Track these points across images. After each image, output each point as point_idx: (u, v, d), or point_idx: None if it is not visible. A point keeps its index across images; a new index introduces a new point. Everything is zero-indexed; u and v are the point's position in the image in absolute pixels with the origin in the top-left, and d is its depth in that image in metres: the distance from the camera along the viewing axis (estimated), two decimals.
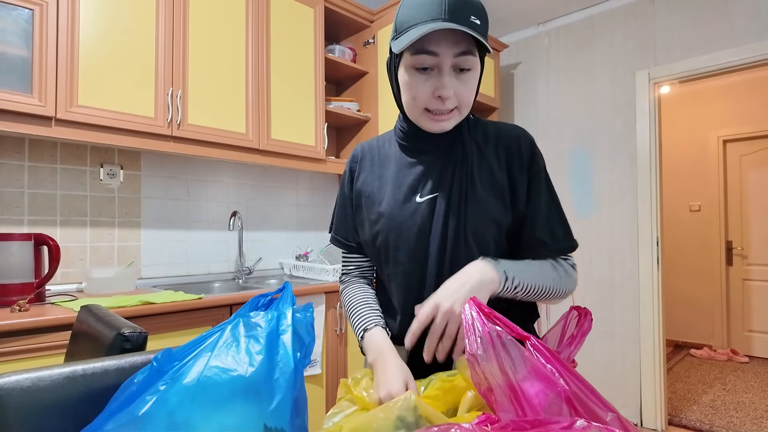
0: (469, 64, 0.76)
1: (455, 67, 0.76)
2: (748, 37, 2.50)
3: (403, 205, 0.84)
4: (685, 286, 4.57)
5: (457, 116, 0.80)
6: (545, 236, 0.82)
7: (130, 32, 1.74)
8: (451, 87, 0.76)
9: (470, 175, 0.82)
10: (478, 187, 0.81)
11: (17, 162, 1.79)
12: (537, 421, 0.54)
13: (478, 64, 0.78)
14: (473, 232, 0.80)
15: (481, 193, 0.81)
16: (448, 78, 0.75)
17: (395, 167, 0.88)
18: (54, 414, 0.56)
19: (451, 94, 0.76)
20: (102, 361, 0.62)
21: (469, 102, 0.79)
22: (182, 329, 1.62)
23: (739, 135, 4.31)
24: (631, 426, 0.56)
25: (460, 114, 0.80)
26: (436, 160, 0.84)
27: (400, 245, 0.84)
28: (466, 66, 0.76)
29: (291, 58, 2.26)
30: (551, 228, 0.82)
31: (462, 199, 0.81)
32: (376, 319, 0.86)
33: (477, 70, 0.78)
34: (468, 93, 0.78)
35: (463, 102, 0.78)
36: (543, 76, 3.31)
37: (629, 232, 2.87)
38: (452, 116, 0.79)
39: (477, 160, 0.83)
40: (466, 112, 0.81)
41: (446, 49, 0.74)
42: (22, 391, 0.55)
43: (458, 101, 0.78)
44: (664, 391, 2.77)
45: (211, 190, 2.36)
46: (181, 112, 1.86)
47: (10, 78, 1.49)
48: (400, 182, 0.86)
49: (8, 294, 1.52)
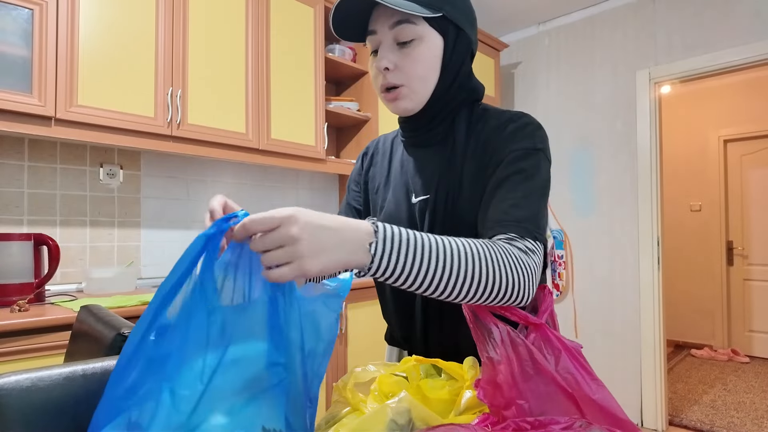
0: (408, 35, 0.71)
1: (396, 40, 0.72)
2: (748, 36, 2.49)
3: (400, 205, 0.82)
4: (685, 286, 4.57)
5: (409, 93, 0.74)
6: (495, 213, 0.67)
7: (129, 32, 1.74)
8: (388, 59, 0.72)
9: (459, 175, 0.75)
10: (465, 189, 0.75)
11: (17, 162, 1.79)
12: (538, 422, 0.54)
13: (427, 32, 0.72)
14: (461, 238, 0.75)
15: (468, 197, 0.74)
16: (387, 50, 0.72)
17: (398, 163, 0.86)
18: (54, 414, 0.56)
19: (384, 65, 0.72)
20: (102, 361, 0.61)
21: (417, 74, 0.72)
22: None
23: (739, 135, 4.31)
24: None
25: (413, 90, 0.73)
26: (431, 157, 0.79)
27: None
28: (405, 38, 0.71)
29: (291, 57, 2.26)
30: (508, 207, 0.66)
31: (449, 203, 0.75)
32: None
33: (427, 39, 0.72)
34: (412, 64, 0.72)
35: (410, 75, 0.72)
36: (543, 76, 3.31)
37: (630, 232, 2.87)
38: (402, 94, 0.74)
39: (470, 158, 0.75)
40: (423, 88, 0.74)
41: (383, 23, 0.72)
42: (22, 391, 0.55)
43: (404, 75, 0.72)
44: (664, 392, 2.76)
45: (211, 190, 2.36)
46: (181, 111, 1.86)
47: (9, 78, 1.49)
48: (399, 180, 0.84)
49: (8, 294, 1.51)
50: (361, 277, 0.55)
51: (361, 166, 0.95)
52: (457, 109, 0.78)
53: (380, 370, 0.71)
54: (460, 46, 0.75)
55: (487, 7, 3.07)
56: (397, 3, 0.67)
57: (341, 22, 0.74)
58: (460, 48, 0.75)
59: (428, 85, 0.74)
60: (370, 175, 0.92)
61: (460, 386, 0.65)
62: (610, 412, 0.57)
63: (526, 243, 0.63)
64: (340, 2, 0.70)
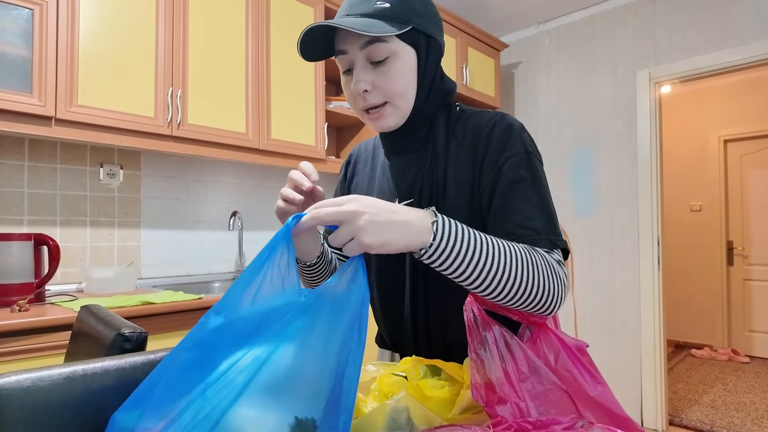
0: (381, 53, 0.69)
1: (369, 59, 0.70)
2: (748, 36, 2.49)
3: None
4: (685, 286, 4.57)
5: (393, 110, 0.73)
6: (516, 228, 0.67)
7: (130, 32, 1.74)
8: (364, 80, 0.71)
9: (442, 179, 0.75)
10: (449, 192, 0.74)
11: (17, 162, 1.79)
12: (539, 422, 0.54)
13: (400, 47, 0.71)
14: None
15: (452, 200, 0.73)
16: (362, 72, 0.71)
17: (380, 169, 0.86)
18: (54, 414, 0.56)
19: (362, 87, 0.71)
20: (102, 361, 0.61)
21: (396, 91, 0.72)
22: (182, 329, 1.62)
23: (739, 135, 4.31)
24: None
25: (396, 107, 0.73)
26: (411, 162, 0.79)
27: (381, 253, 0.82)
28: (378, 57, 0.70)
29: (291, 57, 2.26)
30: (526, 218, 0.67)
31: (432, 205, 0.74)
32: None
33: (401, 54, 0.71)
34: (390, 83, 0.71)
35: (390, 93, 0.72)
36: (543, 76, 3.30)
37: (630, 232, 2.87)
38: (386, 111, 0.73)
39: (453, 160, 0.75)
40: (405, 105, 0.74)
41: (353, 44, 0.70)
42: (22, 391, 0.55)
43: (383, 94, 0.72)
44: (664, 392, 2.76)
45: (211, 189, 2.36)
46: (181, 111, 1.86)
47: (10, 78, 1.49)
48: (382, 186, 0.83)
49: (8, 294, 1.51)
50: (418, 258, 0.57)
51: (345, 176, 0.95)
52: (434, 114, 0.78)
53: (380, 370, 0.71)
54: (433, 54, 0.75)
55: (487, 7, 3.07)
56: (366, 27, 0.66)
57: (309, 47, 0.73)
58: (433, 55, 0.75)
59: (409, 99, 0.74)
60: (354, 183, 0.92)
61: (459, 386, 0.65)
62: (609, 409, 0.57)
63: (554, 255, 0.65)
64: (306, 32, 0.69)
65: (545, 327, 0.64)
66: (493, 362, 0.58)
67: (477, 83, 3.03)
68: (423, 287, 0.77)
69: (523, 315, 0.63)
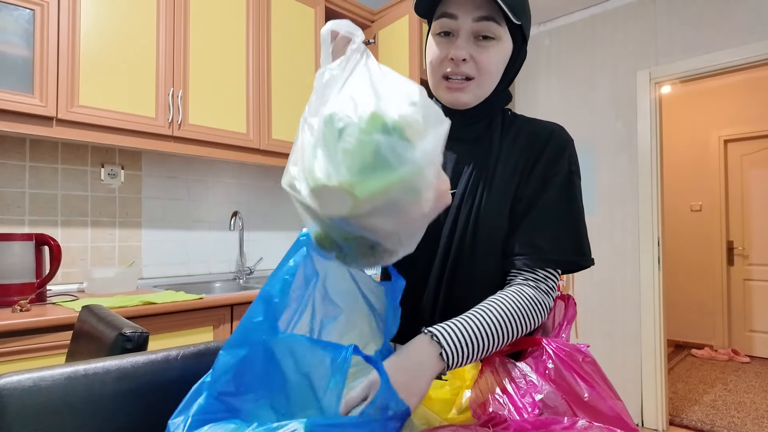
0: (491, 32, 0.71)
1: (476, 33, 0.72)
2: (749, 36, 2.49)
3: None
4: (686, 286, 4.57)
5: (476, 88, 0.74)
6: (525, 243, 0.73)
7: (130, 32, 1.74)
8: (465, 49, 0.71)
9: (490, 178, 0.76)
10: (495, 190, 0.75)
11: (18, 162, 1.79)
12: (539, 422, 0.54)
13: (505, 35, 0.73)
14: (482, 236, 0.75)
15: (495, 197, 0.75)
16: (464, 41, 0.72)
17: None
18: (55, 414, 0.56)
19: (463, 55, 0.71)
20: (103, 361, 0.62)
21: (491, 72, 0.73)
22: (183, 329, 1.62)
23: (740, 135, 4.30)
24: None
25: (480, 86, 0.74)
26: (462, 154, 0.80)
27: None
28: (488, 33, 0.71)
29: (292, 57, 2.26)
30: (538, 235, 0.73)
31: (476, 200, 0.76)
32: None
33: (503, 42, 0.73)
34: (488, 61, 0.72)
35: (484, 70, 0.73)
36: (544, 76, 3.31)
37: (630, 232, 2.87)
38: (469, 87, 0.74)
39: (504, 159, 0.77)
40: (489, 86, 0.76)
41: (466, 12, 0.71)
42: (24, 391, 0.55)
43: (477, 69, 0.73)
44: (665, 391, 2.76)
45: (212, 190, 2.36)
46: (182, 112, 1.86)
47: (11, 78, 1.49)
48: None
49: (9, 294, 1.52)
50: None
51: None
52: (495, 112, 0.81)
53: None
54: (522, 56, 0.79)
55: None
56: (510, 9, 0.68)
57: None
58: (521, 58, 0.79)
59: (492, 85, 0.76)
60: None
61: (460, 386, 0.66)
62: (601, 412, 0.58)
63: (548, 282, 0.73)
64: None
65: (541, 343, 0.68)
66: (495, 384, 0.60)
67: None
68: (451, 272, 0.77)
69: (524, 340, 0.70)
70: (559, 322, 0.77)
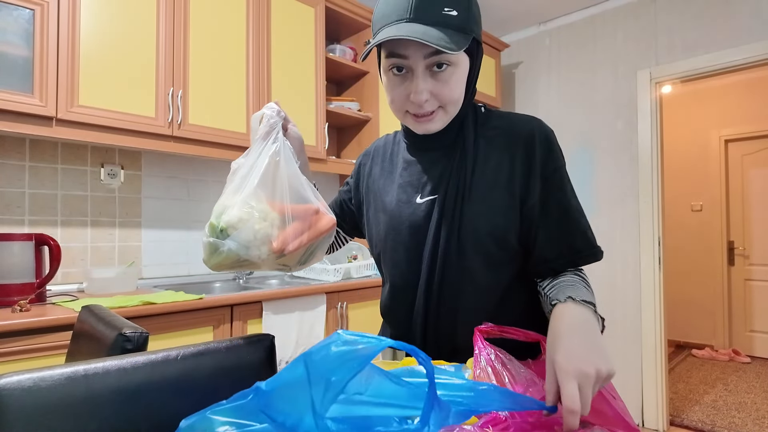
0: (443, 64, 0.70)
1: (430, 66, 0.70)
2: (749, 36, 2.49)
3: (404, 204, 0.82)
4: (686, 286, 4.57)
5: (443, 116, 0.75)
6: (561, 248, 0.75)
7: (130, 32, 1.74)
8: (425, 89, 0.70)
9: (469, 177, 0.76)
10: (476, 191, 0.75)
11: (18, 162, 1.79)
12: (539, 422, 0.54)
13: (459, 59, 0.71)
14: (469, 239, 0.75)
15: (478, 198, 0.75)
16: (422, 80, 0.70)
17: (402, 165, 0.86)
18: (55, 414, 0.56)
19: (423, 99, 0.71)
20: (103, 361, 0.61)
21: (453, 99, 0.73)
22: (183, 329, 1.62)
23: (740, 135, 4.30)
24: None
25: (447, 113, 0.75)
26: (438, 158, 0.80)
27: (398, 246, 0.82)
28: (442, 61, 0.69)
29: (292, 57, 2.26)
30: (568, 238, 0.75)
31: (458, 204, 0.75)
32: None
33: (459, 65, 0.72)
34: (449, 91, 0.72)
35: (446, 100, 0.73)
36: (544, 76, 3.30)
37: (631, 232, 2.87)
38: (436, 116, 0.74)
39: (481, 161, 0.76)
40: (455, 110, 0.76)
41: (415, 51, 0.68)
42: (24, 391, 0.55)
43: (439, 101, 0.72)
44: (665, 392, 2.76)
45: (212, 190, 2.36)
46: (182, 112, 1.86)
47: (11, 78, 1.49)
48: (404, 181, 0.84)
49: (9, 294, 1.52)
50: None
51: (358, 175, 0.96)
52: (465, 114, 0.80)
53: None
54: (480, 60, 0.77)
55: (488, 7, 3.07)
56: (442, 42, 0.65)
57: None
58: (480, 62, 0.78)
59: (459, 105, 0.76)
60: (372, 177, 0.92)
61: None
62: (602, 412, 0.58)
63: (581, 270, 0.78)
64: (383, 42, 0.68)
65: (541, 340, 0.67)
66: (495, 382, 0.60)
67: (478, 83, 3.03)
68: (438, 285, 0.77)
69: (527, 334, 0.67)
70: None
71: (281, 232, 0.69)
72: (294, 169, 0.73)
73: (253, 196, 0.69)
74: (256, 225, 0.68)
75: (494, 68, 3.21)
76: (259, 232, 0.68)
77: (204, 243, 0.71)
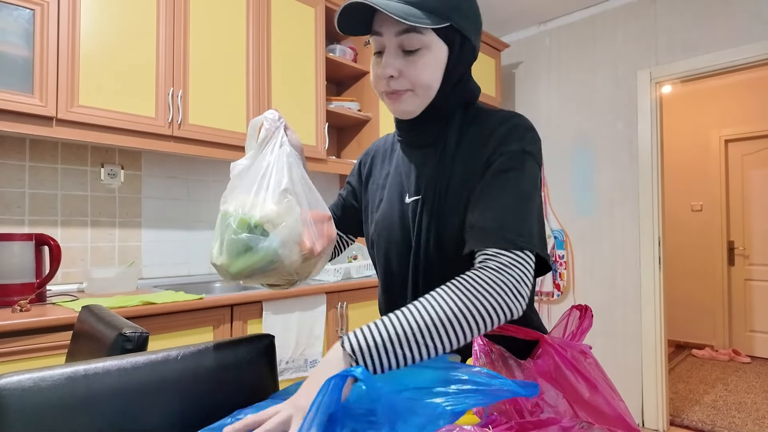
0: (414, 44, 0.70)
1: (401, 47, 0.71)
2: (749, 36, 2.49)
3: (393, 205, 0.82)
4: (686, 286, 4.57)
5: (414, 98, 0.74)
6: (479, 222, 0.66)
7: (130, 32, 1.74)
8: (393, 66, 0.71)
9: (447, 177, 0.75)
10: (453, 189, 0.74)
11: (18, 162, 1.79)
12: (539, 422, 0.54)
13: (434, 42, 0.71)
14: (447, 237, 0.73)
15: (455, 196, 0.74)
16: (392, 57, 0.72)
17: (396, 164, 0.86)
18: (55, 414, 0.56)
19: (389, 73, 0.72)
20: (103, 361, 0.61)
21: (423, 83, 0.72)
22: (183, 329, 1.62)
23: (740, 135, 4.30)
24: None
25: (418, 96, 0.74)
26: (425, 157, 0.80)
27: (390, 247, 0.82)
28: (411, 46, 0.70)
29: (292, 57, 2.26)
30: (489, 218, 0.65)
31: (436, 204, 0.75)
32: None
33: (433, 49, 0.71)
34: (418, 74, 0.71)
35: (416, 83, 0.72)
36: (544, 76, 3.30)
37: (631, 232, 2.87)
38: (407, 97, 0.74)
39: (461, 159, 0.75)
40: (427, 95, 0.74)
41: (388, 28, 0.70)
42: (24, 391, 0.55)
43: (408, 82, 0.72)
44: (665, 392, 2.76)
45: (212, 190, 2.36)
46: (182, 112, 1.86)
47: (11, 78, 1.49)
48: (395, 181, 0.84)
49: (9, 294, 1.52)
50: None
51: (359, 174, 0.96)
52: (452, 111, 0.78)
53: None
54: (465, 55, 0.75)
55: (488, 7, 3.07)
56: (404, 13, 0.66)
57: (346, 18, 0.73)
58: (464, 57, 0.75)
59: (431, 92, 0.75)
60: (372, 178, 0.92)
61: None
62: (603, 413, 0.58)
63: (507, 257, 0.61)
64: (345, 6, 0.69)
65: (544, 340, 0.67)
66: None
67: (478, 83, 3.03)
68: (424, 285, 0.77)
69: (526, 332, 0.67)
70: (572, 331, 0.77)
71: (307, 232, 0.66)
72: (304, 174, 0.72)
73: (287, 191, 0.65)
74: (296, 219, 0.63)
75: (494, 68, 3.20)
76: (295, 228, 0.63)
77: (230, 242, 0.62)
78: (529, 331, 0.68)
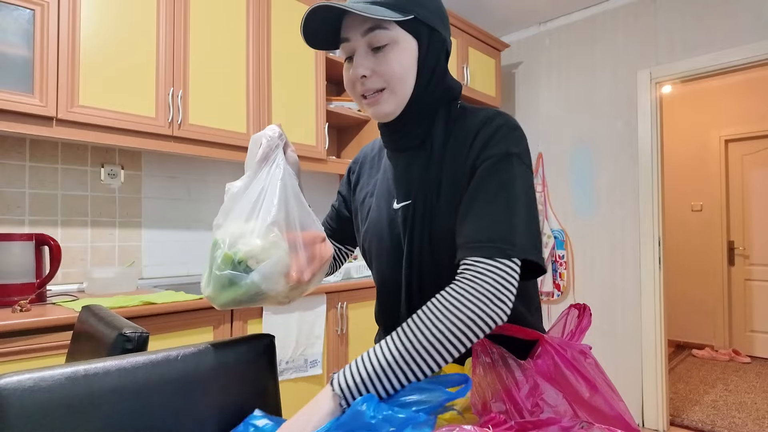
0: (381, 40, 0.70)
1: (370, 46, 0.72)
2: (749, 36, 2.49)
3: (382, 212, 0.81)
4: (686, 286, 4.57)
5: (391, 97, 0.73)
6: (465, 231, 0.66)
7: (131, 32, 1.74)
8: (364, 66, 0.72)
9: (438, 179, 0.73)
10: (443, 192, 0.72)
11: (18, 162, 1.79)
12: (539, 422, 0.54)
13: (401, 36, 0.71)
14: (440, 240, 0.73)
15: (445, 198, 0.72)
16: (362, 58, 0.72)
17: (383, 170, 0.85)
18: (55, 414, 0.56)
19: (361, 72, 0.72)
20: (104, 361, 0.61)
21: (396, 75, 0.72)
22: (183, 329, 1.62)
23: (740, 135, 4.30)
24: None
25: (393, 92, 0.73)
26: (411, 161, 0.78)
27: (382, 253, 0.82)
28: (378, 43, 0.71)
29: (292, 57, 2.26)
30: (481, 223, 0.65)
31: (427, 207, 0.74)
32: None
33: (401, 43, 0.71)
34: (389, 67, 0.71)
35: (389, 77, 0.72)
36: (544, 76, 3.30)
37: (631, 232, 2.87)
38: (383, 97, 0.73)
39: (449, 160, 0.73)
40: (404, 90, 0.73)
41: (355, 31, 0.72)
42: (24, 391, 0.55)
43: (382, 79, 0.72)
44: (665, 392, 2.76)
45: (212, 190, 2.36)
46: (182, 112, 1.86)
47: (11, 78, 1.49)
48: (384, 187, 0.83)
49: (9, 294, 1.52)
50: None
51: (348, 181, 0.96)
52: (434, 110, 0.76)
53: None
54: (434, 46, 0.75)
55: (487, 8, 3.07)
56: (366, 10, 0.67)
57: (313, 33, 0.74)
58: (434, 48, 0.75)
59: (407, 87, 0.73)
60: (359, 187, 0.91)
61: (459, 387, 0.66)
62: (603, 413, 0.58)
63: (486, 265, 0.61)
64: (309, 14, 0.69)
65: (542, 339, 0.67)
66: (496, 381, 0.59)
67: (478, 83, 3.03)
68: (418, 287, 0.77)
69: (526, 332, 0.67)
70: (571, 330, 0.77)
71: (295, 262, 0.66)
72: (299, 194, 0.71)
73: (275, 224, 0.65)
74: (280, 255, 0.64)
75: (494, 68, 3.20)
76: (279, 262, 0.64)
77: (215, 277, 0.64)
78: (529, 331, 0.68)
